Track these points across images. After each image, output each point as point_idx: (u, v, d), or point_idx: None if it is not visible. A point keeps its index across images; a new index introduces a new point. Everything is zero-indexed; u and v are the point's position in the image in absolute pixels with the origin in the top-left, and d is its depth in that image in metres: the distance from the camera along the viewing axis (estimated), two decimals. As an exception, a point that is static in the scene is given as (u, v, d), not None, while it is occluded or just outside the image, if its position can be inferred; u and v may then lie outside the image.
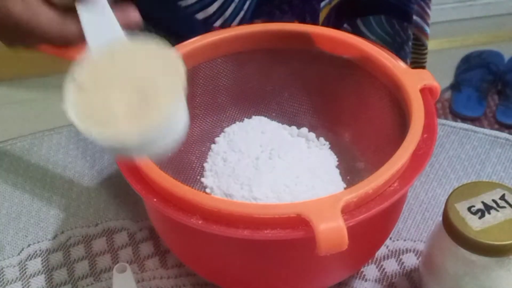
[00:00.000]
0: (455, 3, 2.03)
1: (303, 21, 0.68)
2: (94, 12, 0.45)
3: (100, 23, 0.45)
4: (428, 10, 0.80)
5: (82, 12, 0.45)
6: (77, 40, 0.46)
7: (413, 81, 0.52)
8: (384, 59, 0.54)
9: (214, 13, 0.67)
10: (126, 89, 0.41)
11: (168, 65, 0.41)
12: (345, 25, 0.72)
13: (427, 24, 0.80)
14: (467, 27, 2.05)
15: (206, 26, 0.67)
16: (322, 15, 0.69)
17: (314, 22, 0.69)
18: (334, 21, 0.71)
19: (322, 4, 0.69)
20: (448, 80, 1.79)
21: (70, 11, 0.45)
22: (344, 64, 0.57)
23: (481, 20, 2.09)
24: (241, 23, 0.67)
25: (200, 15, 0.67)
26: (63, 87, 0.44)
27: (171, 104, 0.40)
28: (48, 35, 0.46)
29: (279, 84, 0.62)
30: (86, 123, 0.40)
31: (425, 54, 0.82)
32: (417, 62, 0.82)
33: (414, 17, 0.78)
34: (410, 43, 0.77)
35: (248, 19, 0.67)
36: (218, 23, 0.67)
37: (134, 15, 0.47)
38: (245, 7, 0.67)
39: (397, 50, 0.75)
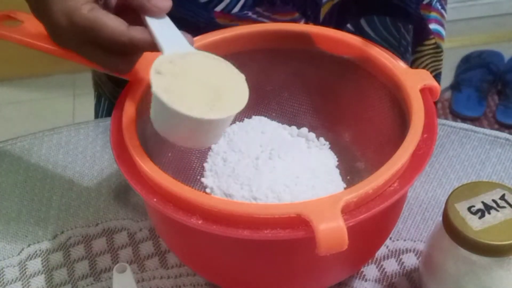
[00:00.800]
0: (455, 3, 2.03)
1: (304, 14, 0.68)
2: (161, 23, 0.50)
3: (167, 32, 0.50)
4: (445, 15, 0.80)
5: (151, 22, 0.50)
6: (142, 46, 0.49)
7: (413, 81, 0.52)
8: (384, 59, 0.54)
9: None
10: (201, 85, 0.47)
11: (235, 78, 0.49)
12: (348, 26, 0.72)
13: (444, 29, 0.80)
14: (467, 27, 2.05)
15: (207, 10, 0.67)
16: (324, 10, 0.69)
17: (315, 16, 0.69)
18: (337, 19, 0.71)
19: None
20: (448, 80, 1.79)
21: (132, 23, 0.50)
22: (344, 64, 0.57)
23: (481, 20, 2.09)
24: (242, 9, 0.67)
25: None
26: (63, 87, 0.45)
27: (238, 108, 0.46)
28: (117, 39, 0.49)
29: (279, 84, 0.62)
30: (167, 97, 0.45)
31: (442, 58, 0.82)
32: (437, 69, 0.82)
33: (436, 26, 0.78)
34: (411, 45, 0.77)
35: (249, 6, 0.67)
36: (219, 8, 0.67)
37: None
38: None
39: (403, 53, 0.75)
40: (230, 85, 0.48)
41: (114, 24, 0.49)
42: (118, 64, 0.52)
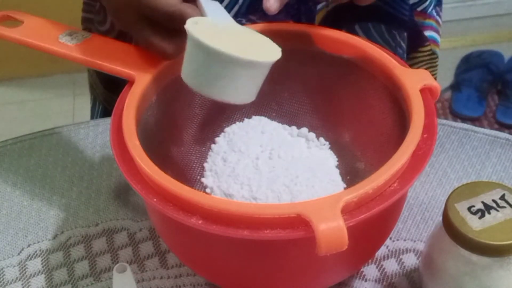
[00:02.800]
0: (455, 3, 2.03)
1: (298, 21, 0.68)
2: (213, 5, 0.54)
3: (217, 12, 0.53)
4: (441, 22, 0.80)
5: (203, 2, 0.53)
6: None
7: (413, 81, 0.52)
8: (384, 59, 0.54)
9: None
10: (238, 38, 0.51)
11: (270, 44, 0.52)
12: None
13: (440, 35, 0.80)
14: (467, 27, 2.05)
15: None
16: (318, 17, 0.69)
17: (309, 24, 0.69)
18: (331, 25, 0.71)
19: (319, 6, 0.69)
20: (448, 80, 1.79)
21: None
22: (344, 64, 0.57)
23: (481, 20, 2.09)
24: (236, 17, 0.67)
25: None
26: (63, 87, 0.45)
27: (273, 58, 0.49)
28: (168, 8, 0.51)
29: (279, 84, 0.62)
30: (206, 38, 0.47)
31: (437, 64, 0.82)
32: (432, 75, 0.82)
33: (432, 33, 0.78)
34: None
35: (243, 14, 0.67)
36: None
37: None
38: (240, 1, 0.67)
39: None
40: (266, 47, 0.51)
41: None
42: (165, 45, 0.52)
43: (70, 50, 0.56)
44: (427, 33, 0.77)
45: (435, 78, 0.81)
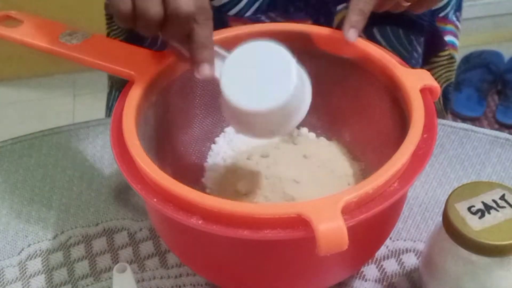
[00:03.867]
0: (455, 3, 2.02)
1: (317, 21, 0.68)
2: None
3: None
4: (460, 26, 0.80)
5: None
6: (210, 14, 0.50)
7: (413, 81, 0.52)
8: (384, 59, 0.54)
9: (229, 2, 0.67)
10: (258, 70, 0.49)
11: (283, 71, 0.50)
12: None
13: (458, 39, 0.80)
14: (467, 27, 2.05)
15: (220, 14, 0.67)
16: (337, 19, 0.69)
17: (328, 24, 0.69)
18: None
19: (339, 7, 0.69)
20: (448, 80, 1.79)
21: None
22: (344, 64, 0.57)
23: (481, 20, 2.08)
24: (256, 13, 0.67)
25: (216, 2, 0.67)
26: (63, 87, 0.45)
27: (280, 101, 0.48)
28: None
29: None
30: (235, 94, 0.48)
31: (455, 68, 0.82)
32: (449, 79, 0.81)
33: (451, 38, 0.78)
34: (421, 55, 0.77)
35: (263, 11, 0.67)
36: (232, 12, 0.67)
37: None
38: None
39: (414, 65, 0.75)
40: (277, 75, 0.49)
41: None
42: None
43: (70, 50, 0.56)
44: (447, 38, 0.78)
45: (452, 82, 0.81)
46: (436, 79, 0.81)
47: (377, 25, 0.71)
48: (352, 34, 0.54)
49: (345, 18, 0.55)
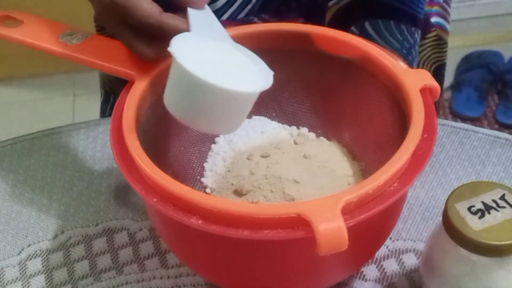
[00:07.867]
0: (455, 3, 2.02)
1: (308, 19, 0.68)
2: (201, 14, 0.52)
3: (204, 22, 0.51)
4: (449, 10, 0.81)
5: (190, 12, 0.51)
6: (170, 32, 0.49)
7: (413, 81, 0.52)
8: (384, 59, 0.54)
9: (223, 6, 0.67)
10: (226, 60, 0.48)
11: (260, 65, 0.49)
12: (352, 28, 0.72)
13: (448, 22, 0.81)
14: (467, 27, 2.05)
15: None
16: (329, 14, 0.69)
17: (320, 21, 0.69)
18: (341, 22, 0.71)
19: (330, 3, 0.69)
20: (448, 80, 1.79)
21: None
22: (344, 64, 0.57)
23: (481, 20, 2.09)
24: (248, 15, 0.67)
25: (210, 7, 0.67)
26: (63, 87, 0.45)
27: (261, 88, 0.46)
28: (146, 20, 0.49)
29: (279, 84, 0.62)
30: (191, 65, 0.44)
31: (446, 50, 0.83)
32: (439, 60, 0.82)
33: (438, 19, 0.79)
34: (417, 47, 0.77)
35: (255, 13, 0.67)
36: (226, 15, 0.67)
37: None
38: (253, 0, 0.67)
39: (406, 55, 0.75)
40: (252, 73, 0.48)
41: (146, 5, 0.50)
42: (143, 48, 0.52)
43: (70, 50, 0.56)
44: (433, 19, 0.78)
45: (444, 64, 0.82)
46: (424, 61, 0.82)
47: (368, 18, 0.72)
48: None
49: None
